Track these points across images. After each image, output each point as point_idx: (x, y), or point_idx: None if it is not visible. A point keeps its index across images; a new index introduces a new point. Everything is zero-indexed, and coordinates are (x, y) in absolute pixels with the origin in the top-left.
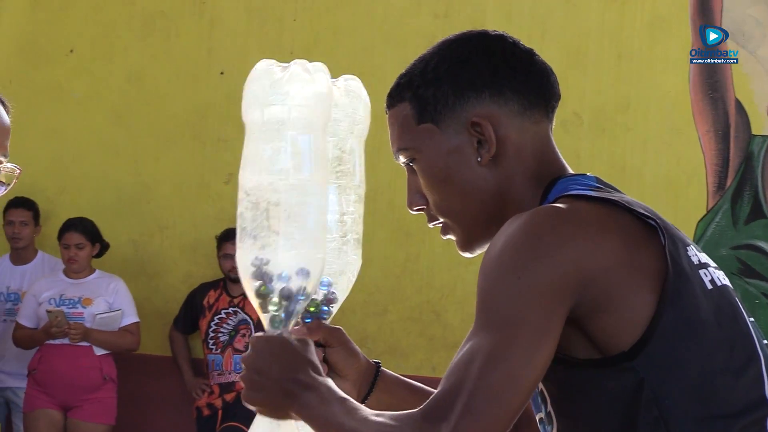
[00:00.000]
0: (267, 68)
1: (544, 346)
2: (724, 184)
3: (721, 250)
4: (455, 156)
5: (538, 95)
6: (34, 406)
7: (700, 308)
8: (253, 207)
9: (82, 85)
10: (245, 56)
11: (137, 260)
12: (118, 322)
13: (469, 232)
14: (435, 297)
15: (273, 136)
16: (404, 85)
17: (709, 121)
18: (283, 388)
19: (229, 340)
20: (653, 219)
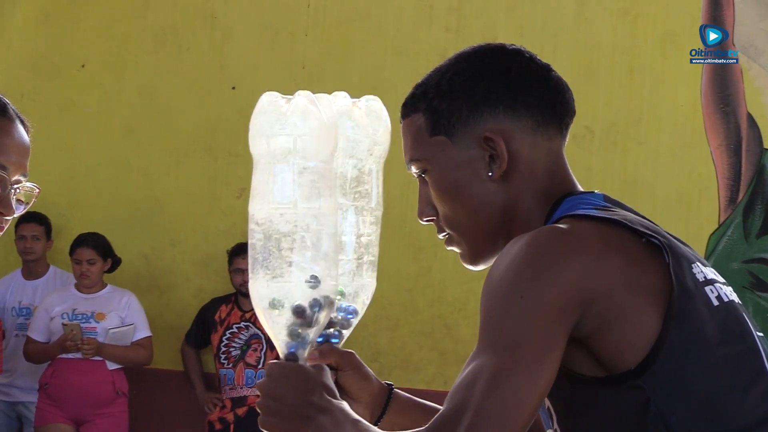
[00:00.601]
0: (272, 100)
1: (547, 366)
2: (735, 197)
3: (732, 264)
4: (466, 170)
5: (552, 111)
6: (46, 420)
7: (706, 326)
8: (264, 238)
9: (94, 99)
10: (257, 71)
11: (149, 274)
12: (131, 337)
13: (475, 246)
14: (447, 311)
15: (280, 167)
16: (419, 96)
17: (721, 135)
18: (298, 413)
19: (241, 354)
20: (657, 237)
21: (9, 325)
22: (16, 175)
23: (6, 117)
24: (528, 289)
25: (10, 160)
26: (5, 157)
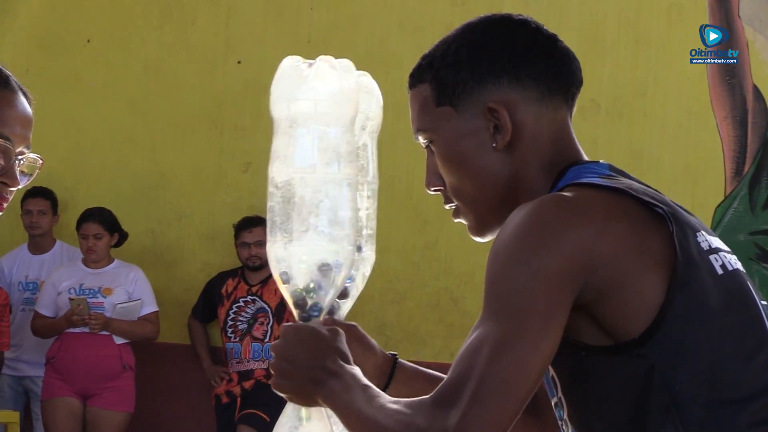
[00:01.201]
0: (293, 65)
1: (551, 333)
2: (741, 169)
3: (738, 235)
4: (471, 140)
5: (558, 82)
6: (52, 394)
7: (710, 294)
8: (283, 201)
9: (100, 74)
10: (262, 45)
11: (155, 249)
12: (138, 312)
13: (480, 216)
14: (453, 284)
15: (300, 131)
16: (425, 66)
17: (727, 107)
18: (310, 376)
19: (248, 328)
20: (661, 206)
21: (15, 300)
22: (20, 146)
23: (8, 89)
24: (531, 257)
25: (14, 132)
26: (9, 129)
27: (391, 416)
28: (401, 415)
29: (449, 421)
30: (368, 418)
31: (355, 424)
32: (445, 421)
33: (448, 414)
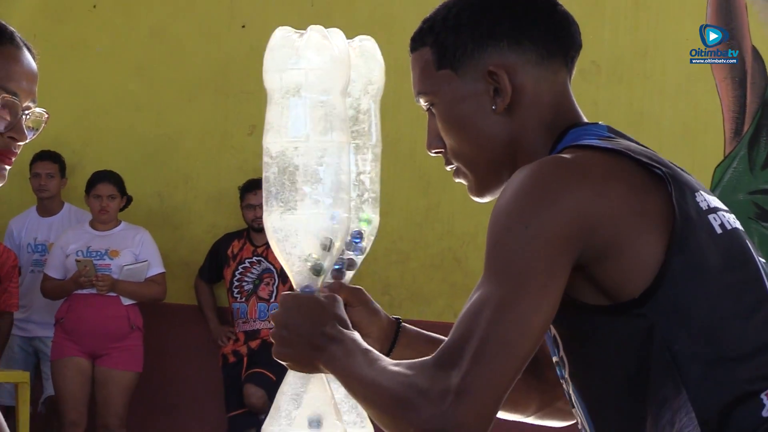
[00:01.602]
0: (285, 35)
1: (551, 293)
2: (741, 130)
3: (738, 195)
4: (471, 103)
5: (557, 45)
6: (62, 354)
7: (708, 253)
8: (278, 171)
9: (106, 40)
10: (266, 9)
11: (162, 212)
12: (145, 273)
13: (480, 178)
14: (456, 244)
15: (293, 101)
16: (426, 30)
17: (726, 69)
18: (310, 342)
19: (254, 288)
20: (659, 167)
21: (25, 262)
22: (26, 101)
23: (13, 45)
24: (532, 218)
25: (20, 87)
26: (16, 84)
27: (392, 378)
28: (403, 376)
29: (451, 381)
30: (370, 381)
31: (357, 387)
32: (446, 381)
33: (449, 374)
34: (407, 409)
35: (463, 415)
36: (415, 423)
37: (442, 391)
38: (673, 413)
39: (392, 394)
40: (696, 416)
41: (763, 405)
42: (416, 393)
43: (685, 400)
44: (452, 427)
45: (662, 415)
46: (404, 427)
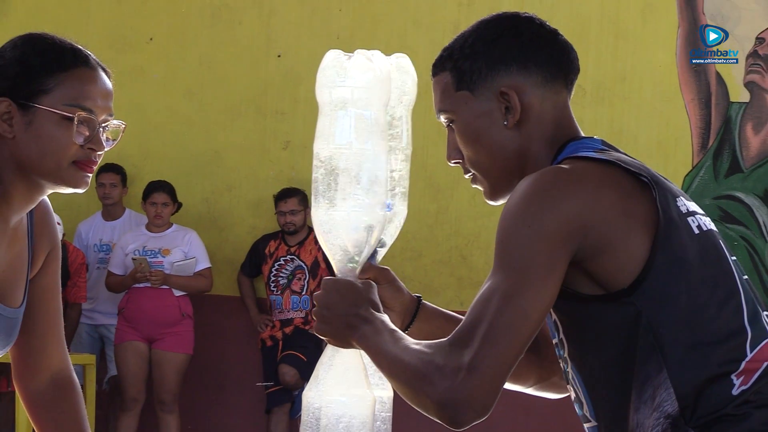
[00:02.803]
0: (335, 57)
1: (550, 285)
2: (706, 144)
3: (704, 200)
4: (486, 119)
5: (559, 69)
6: (123, 339)
7: (688, 250)
8: (326, 173)
9: (161, 67)
10: (299, 41)
11: (209, 216)
12: (193, 268)
13: (494, 183)
14: (462, 243)
15: (340, 113)
16: (446, 57)
17: (694, 91)
18: (346, 322)
19: (287, 283)
20: (645, 176)
21: (91, 260)
22: (103, 115)
23: (89, 66)
24: (534, 220)
25: (96, 104)
26: (92, 102)
27: (414, 355)
28: (422, 353)
29: (464, 358)
30: (395, 356)
31: (383, 362)
32: (460, 359)
33: (462, 353)
34: (425, 382)
35: (473, 388)
36: (432, 394)
37: (456, 367)
38: (655, 389)
39: (413, 369)
40: (674, 392)
41: (733, 384)
42: (433, 368)
43: (666, 377)
44: (464, 398)
45: (645, 389)
46: (422, 397)
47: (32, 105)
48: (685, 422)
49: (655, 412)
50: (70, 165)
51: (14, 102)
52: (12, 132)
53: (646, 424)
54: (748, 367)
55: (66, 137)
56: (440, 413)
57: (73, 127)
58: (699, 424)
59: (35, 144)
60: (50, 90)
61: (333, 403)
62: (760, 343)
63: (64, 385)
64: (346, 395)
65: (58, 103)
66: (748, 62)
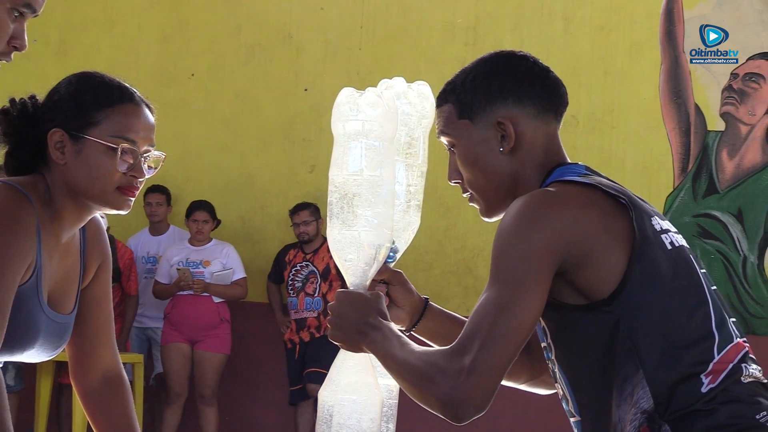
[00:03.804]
0: (349, 94)
1: (540, 295)
2: (686, 168)
3: (684, 218)
4: (484, 145)
5: (550, 102)
6: (168, 340)
7: (661, 264)
8: (340, 197)
9: (201, 100)
10: (323, 77)
11: (244, 231)
12: (230, 278)
13: (489, 203)
14: (469, 256)
15: (353, 144)
16: (449, 90)
17: (675, 121)
18: (357, 329)
19: (302, 286)
20: (623, 197)
21: (140, 271)
22: (145, 146)
23: (133, 102)
24: (525, 238)
25: (138, 136)
26: (135, 134)
27: (419, 358)
28: (427, 357)
29: (464, 362)
30: (402, 360)
31: (391, 364)
32: (460, 363)
33: (463, 357)
34: (430, 382)
35: (473, 388)
36: (435, 393)
37: (457, 370)
38: (633, 387)
39: (419, 371)
40: (650, 390)
41: (702, 383)
42: (437, 370)
43: (642, 377)
44: (464, 397)
45: (624, 388)
46: (427, 396)
47: (82, 136)
48: (660, 417)
49: (633, 408)
50: (115, 190)
51: (66, 133)
52: (64, 159)
53: (626, 419)
54: (716, 368)
55: (111, 165)
56: (443, 410)
57: (118, 156)
58: (672, 418)
59: (84, 170)
60: (98, 123)
61: (345, 402)
62: (726, 347)
63: (114, 382)
64: (356, 395)
65: (105, 134)
66: (724, 95)
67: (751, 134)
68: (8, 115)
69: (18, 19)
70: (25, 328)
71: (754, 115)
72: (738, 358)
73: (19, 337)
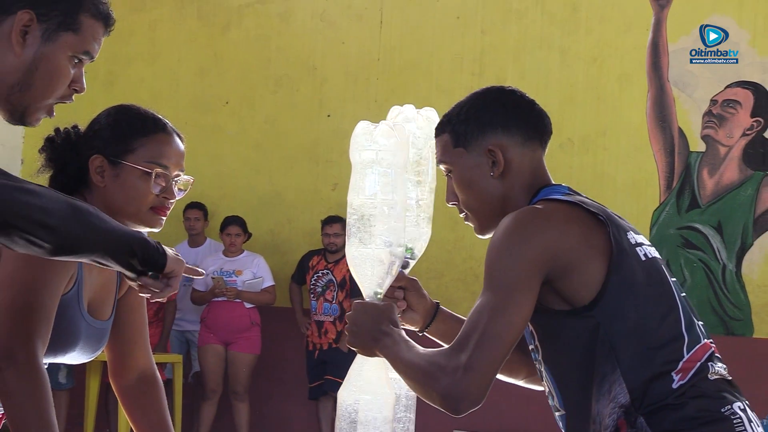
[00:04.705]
0: (364, 126)
1: (528, 301)
2: (671, 185)
3: (669, 230)
4: (477, 171)
5: (535, 132)
6: (204, 342)
7: (636, 274)
8: (358, 218)
9: (234, 126)
10: (344, 104)
11: (273, 243)
12: (260, 286)
13: (482, 221)
14: (476, 265)
15: (368, 171)
16: (446, 122)
17: (661, 143)
18: (372, 336)
19: (322, 292)
20: (601, 215)
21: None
22: (176, 171)
23: (166, 132)
24: (515, 250)
25: (170, 162)
26: (167, 160)
27: (423, 359)
28: (429, 357)
29: (461, 360)
30: (408, 361)
31: (400, 365)
32: (458, 361)
33: (460, 356)
34: (432, 379)
35: (469, 384)
36: (436, 388)
37: (455, 367)
38: (611, 384)
39: (422, 370)
40: (626, 386)
41: (673, 380)
42: (437, 368)
43: (619, 375)
44: (461, 392)
45: (603, 385)
46: (429, 391)
47: (120, 162)
48: (635, 410)
49: (611, 403)
50: (148, 210)
51: (106, 158)
52: (103, 182)
53: (604, 413)
54: (685, 367)
55: (146, 188)
56: (443, 404)
57: (152, 180)
58: (646, 411)
59: (121, 192)
60: (135, 150)
61: (361, 401)
62: (694, 347)
63: (148, 381)
64: (371, 394)
65: (140, 160)
66: (704, 119)
67: (729, 155)
68: (53, 143)
69: (77, 65)
70: (67, 333)
71: (732, 137)
72: (705, 357)
73: (61, 341)
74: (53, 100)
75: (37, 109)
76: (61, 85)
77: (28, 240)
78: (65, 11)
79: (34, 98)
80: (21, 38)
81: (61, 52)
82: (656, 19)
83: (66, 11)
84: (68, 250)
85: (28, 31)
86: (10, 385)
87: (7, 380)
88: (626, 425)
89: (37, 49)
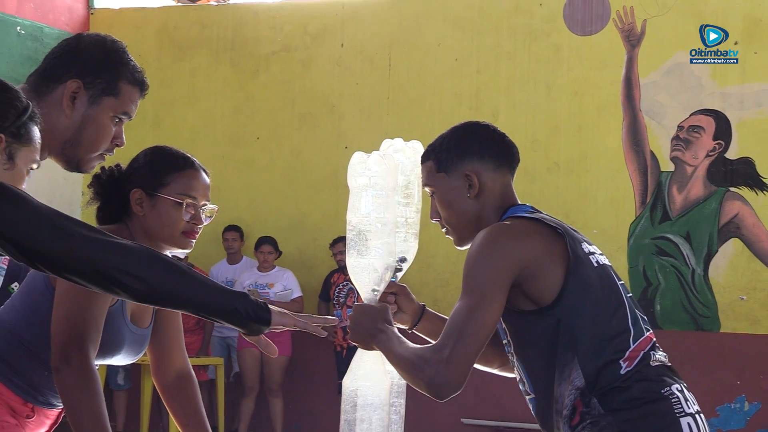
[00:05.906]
0: (359, 156)
1: (499, 303)
2: (645, 200)
3: (644, 240)
4: (456, 193)
5: (505, 160)
6: (243, 346)
7: (590, 277)
8: (356, 233)
9: (265, 158)
10: (360, 136)
11: (301, 260)
12: (290, 297)
13: (460, 236)
14: None
15: (363, 194)
16: (430, 150)
17: (635, 164)
18: (369, 333)
19: (344, 300)
20: (560, 228)
21: None
22: (203, 201)
23: (195, 168)
24: (487, 260)
25: (198, 193)
26: (195, 192)
27: (412, 353)
28: (417, 352)
29: (444, 354)
30: (400, 355)
31: (392, 358)
32: (441, 355)
33: (443, 350)
34: (419, 370)
35: (450, 373)
36: (423, 378)
37: (438, 360)
38: (570, 370)
39: (411, 362)
40: (582, 372)
41: (621, 366)
42: (423, 361)
43: (576, 363)
44: (444, 381)
45: (564, 371)
46: (417, 380)
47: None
48: (590, 392)
49: (570, 386)
50: (180, 234)
51: (144, 192)
52: (142, 212)
53: (564, 394)
54: (631, 355)
55: (178, 216)
56: (429, 390)
57: (183, 209)
58: (599, 393)
59: (157, 220)
60: (168, 184)
61: (361, 387)
62: (639, 339)
63: (185, 379)
64: (370, 382)
65: (173, 192)
66: (673, 143)
67: (695, 173)
68: (100, 179)
69: (118, 124)
70: (113, 339)
71: (697, 158)
72: (648, 347)
73: (109, 346)
74: (99, 152)
75: (90, 160)
76: (105, 141)
77: (120, 289)
78: (107, 79)
79: (83, 152)
80: (71, 102)
81: (104, 114)
82: (629, 57)
83: (108, 79)
84: (154, 300)
85: (77, 97)
86: (68, 383)
87: (65, 379)
88: (582, 404)
89: (84, 111)
